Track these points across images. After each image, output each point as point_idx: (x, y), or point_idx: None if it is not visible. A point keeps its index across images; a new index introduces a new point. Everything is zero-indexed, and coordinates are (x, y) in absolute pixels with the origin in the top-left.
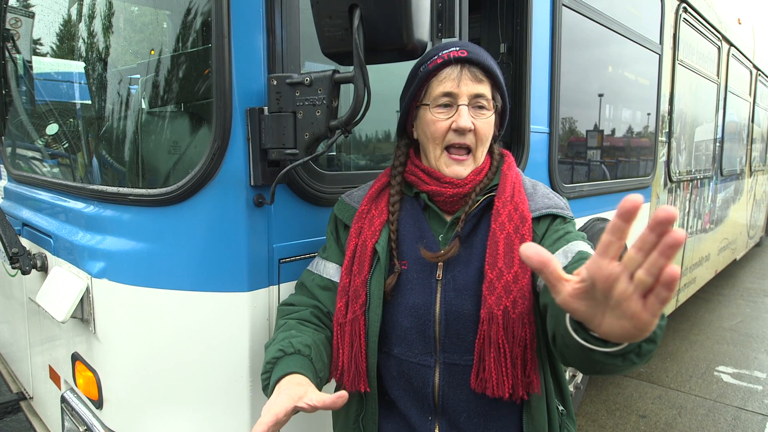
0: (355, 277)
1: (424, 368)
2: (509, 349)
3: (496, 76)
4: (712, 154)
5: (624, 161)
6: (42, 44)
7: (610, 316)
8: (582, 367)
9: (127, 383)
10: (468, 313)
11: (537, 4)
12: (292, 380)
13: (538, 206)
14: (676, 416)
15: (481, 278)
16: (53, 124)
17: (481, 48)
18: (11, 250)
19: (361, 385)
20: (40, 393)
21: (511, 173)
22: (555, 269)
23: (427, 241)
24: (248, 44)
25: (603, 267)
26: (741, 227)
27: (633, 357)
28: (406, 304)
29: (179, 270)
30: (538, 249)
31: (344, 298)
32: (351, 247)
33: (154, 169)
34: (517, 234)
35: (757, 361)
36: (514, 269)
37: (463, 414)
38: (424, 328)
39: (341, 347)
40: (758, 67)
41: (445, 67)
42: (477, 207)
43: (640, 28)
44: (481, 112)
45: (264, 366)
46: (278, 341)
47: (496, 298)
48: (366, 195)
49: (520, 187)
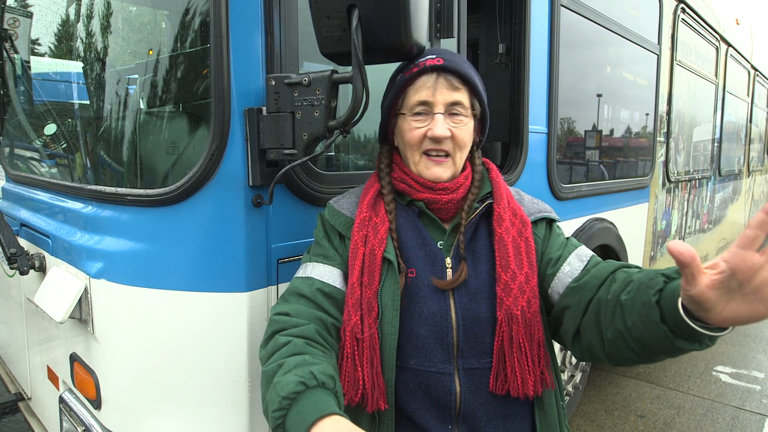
0: (366, 288)
1: (444, 377)
2: (529, 347)
3: (473, 83)
4: (710, 154)
5: (622, 161)
6: (40, 44)
7: (737, 302)
8: (639, 358)
9: (125, 384)
10: (484, 316)
11: (535, 5)
12: (340, 426)
13: (531, 211)
14: (674, 416)
15: (491, 281)
16: (51, 125)
17: (458, 55)
18: (9, 251)
19: (381, 402)
20: (39, 393)
21: (500, 180)
22: (699, 264)
23: (430, 248)
24: (247, 44)
25: (747, 258)
26: (739, 227)
27: (707, 341)
28: (420, 312)
29: (178, 270)
30: (686, 245)
31: (357, 313)
32: (359, 256)
33: (152, 170)
34: (521, 237)
35: (756, 361)
36: (524, 270)
37: (483, 418)
38: (441, 336)
39: (360, 365)
40: (756, 67)
41: (420, 76)
42: (477, 214)
43: (638, 29)
44: (457, 119)
45: (276, 400)
46: (292, 369)
47: (513, 299)
48: (364, 201)
49: (510, 194)
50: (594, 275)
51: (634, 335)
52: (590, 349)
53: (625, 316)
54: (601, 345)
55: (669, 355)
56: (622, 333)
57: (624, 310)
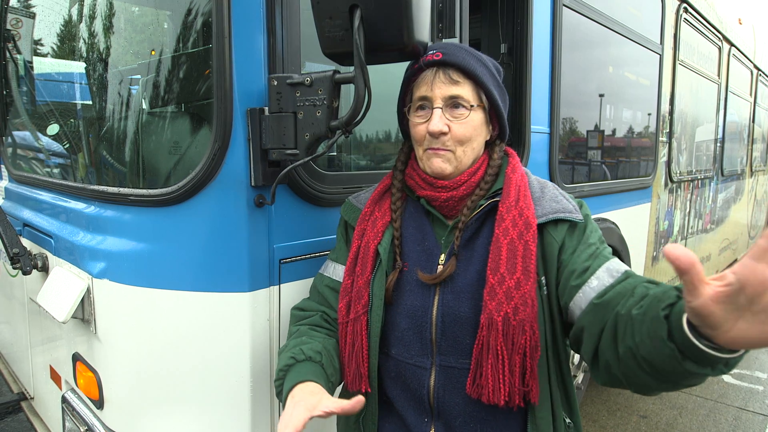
0: (357, 278)
1: (419, 370)
2: (508, 356)
3: (475, 75)
4: (713, 154)
5: (625, 161)
6: (43, 44)
7: (747, 321)
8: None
9: (127, 383)
10: (464, 316)
11: (537, 5)
12: (305, 389)
13: (545, 211)
14: (676, 416)
15: (479, 282)
16: (54, 125)
17: (463, 48)
18: (12, 251)
19: (362, 385)
20: (41, 393)
21: (516, 176)
22: (700, 270)
23: (429, 243)
24: (249, 45)
25: (759, 271)
26: (742, 227)
27: (722, 367)
28: (404, 305)
29: (180, 270)
30: (685, 249)
31: (346, 299)
32: (354, 248)
33: (154, 170)
34: (521, 240)
35: (758, 362)
36: (516, 275)
37: (458, 418)
38: (420, 330)
39: (344, 348)
40: (759, 67)
41: (423, 71)
42: (479, 212)
43: (640, 29)
44: (456, 113)
45: (277, 373)
46: (290, 348)
47: (496, 304)
48: (370, 197)
49: (526, 191)
50: (618, 292)
51: (642, 353)
52: (608, 369)
53: (634, 332)
54: (617, 363)
55: (683, 379)
56: (632, 350)
57: (634, 325)
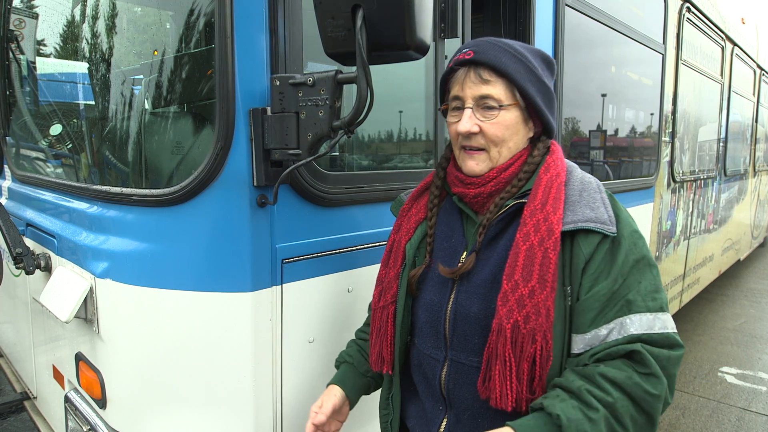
0: (390, 269)
1: (434, 361)
2: (516, 363)
3: (507, 73)
4: (716, 154)
5: (627, 161)
6: (46, 45)
7: None
8: None
9: (130, 383)
10: (474, 315)
11: (540, 4)
12: (330, 391)
13: (575, 218)
14: (679, 417)
15: (492, 283)
16: (57, 125)
17: (498, 45)
18: (15, 251)
19: (385, 367)
20: (44, 393)
21: (548, 176)
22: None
23: (455, 240)
24: (251, 45)
25: None
26: (745, 227)
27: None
28: (424, 299)
29: (182, 270)
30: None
31: (379, 287)
32: (390, 240)
33: (157, 170)
34: (540, 247)
35: (762, 362)
36: (531, 283)
37: (467, 411)
38: (435, 324)
39: (373, 330)
40: (762, 66)
41: (457, 70)
42: (503, 213)
43: (643, 28)
44: (488, 113)
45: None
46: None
47: (507, 311)
48: (411, 194)
49: (558, 193)
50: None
51: None
52: None
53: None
54: None
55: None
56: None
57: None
